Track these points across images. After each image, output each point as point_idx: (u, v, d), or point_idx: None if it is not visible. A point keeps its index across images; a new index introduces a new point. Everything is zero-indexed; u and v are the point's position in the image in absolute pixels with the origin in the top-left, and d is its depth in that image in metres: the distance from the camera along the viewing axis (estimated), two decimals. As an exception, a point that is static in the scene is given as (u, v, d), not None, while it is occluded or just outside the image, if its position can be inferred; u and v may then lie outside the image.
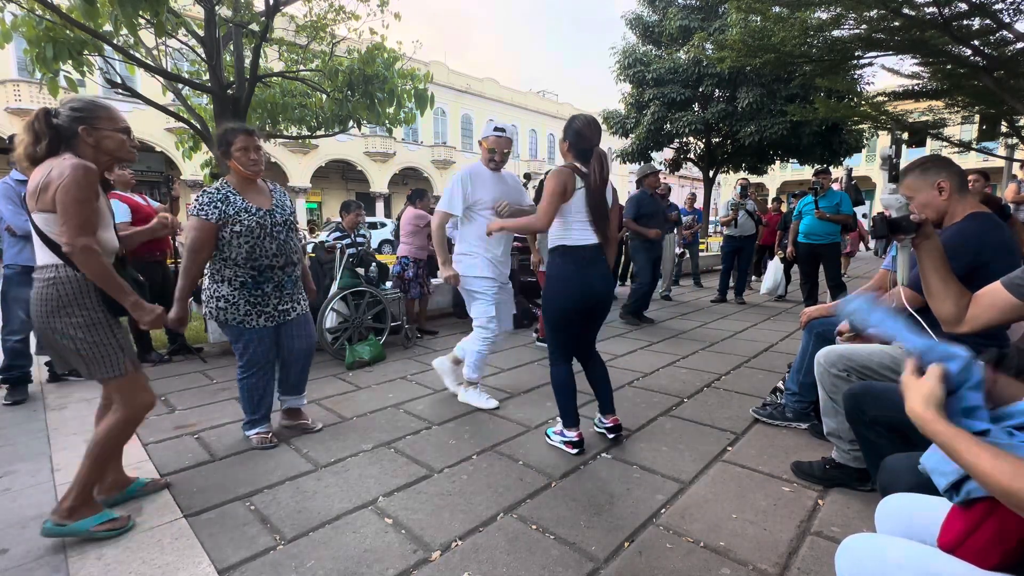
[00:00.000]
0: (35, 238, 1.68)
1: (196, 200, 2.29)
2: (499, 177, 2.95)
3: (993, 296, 1.25)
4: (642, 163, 13.57)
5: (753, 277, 8.54)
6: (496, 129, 2.87)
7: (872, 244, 14.48)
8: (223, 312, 2.34)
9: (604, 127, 14.77)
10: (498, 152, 2.86)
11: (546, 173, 2.74)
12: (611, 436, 2.46)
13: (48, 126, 1.65)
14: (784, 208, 8.64)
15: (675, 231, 7.11)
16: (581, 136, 2.22)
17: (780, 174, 34.67)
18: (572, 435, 2.35)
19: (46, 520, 1.71)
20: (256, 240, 2.31)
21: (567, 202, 2.23)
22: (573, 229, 2.26)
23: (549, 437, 2.47)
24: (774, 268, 6.87)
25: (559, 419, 2.45)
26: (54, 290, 1.64)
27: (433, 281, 5.23)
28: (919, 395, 0.89)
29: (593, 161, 2.23)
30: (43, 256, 1.68)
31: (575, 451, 2.33)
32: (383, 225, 18.01)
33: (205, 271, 2.40)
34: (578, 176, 2.23)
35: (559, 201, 2.22)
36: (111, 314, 1.75)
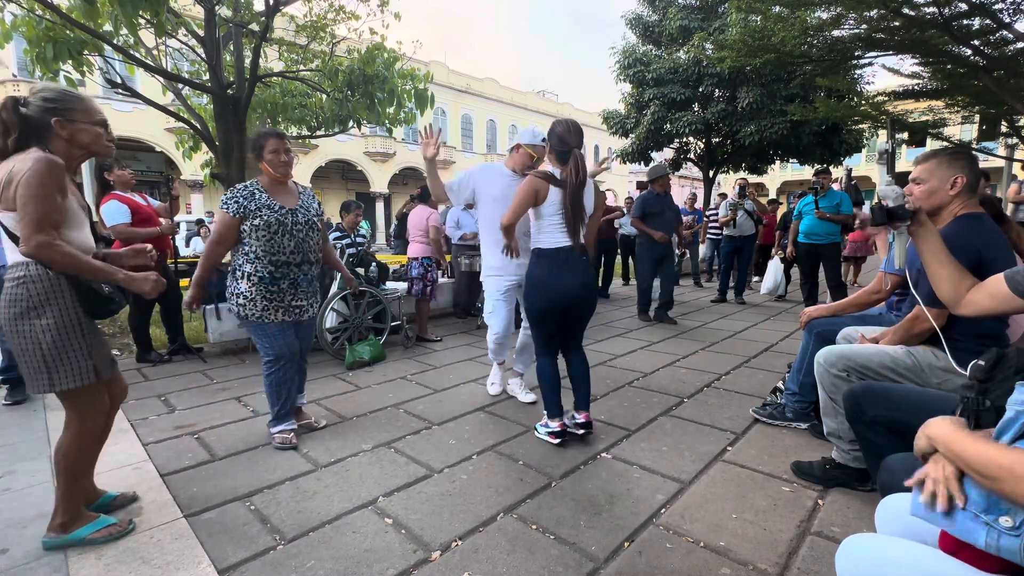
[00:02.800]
0: (3, 237, 1.58)
1: (224, 195, 2.42)
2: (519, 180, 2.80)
3: (993, 286, 1.30)
4: (643, 164, 13.57)
5: (755, 278, 8.54)
6: (543, 140, 2.82)
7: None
8: (243, 308, 2.42)
9: (604, 127, 14.82)
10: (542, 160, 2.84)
11: None
12: (581, 432, 2.51)
13: (18, 117, 1.54)
14: (783, 209, 8.64)
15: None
16: (562, 140, 2.36)
17: (780, 174, 34.65)
18: (554, 425, 2.44)
19: (43, 537, 1.69)
20: (273, 235, 2.39)
21: (539, 206, 2.38)
22: (546, 232, 2.40)
23: (536, 431, 2.56)
24: (774, 268, 6.86)
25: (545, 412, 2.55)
26: (23, 290, 1.54)
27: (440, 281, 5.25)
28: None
29: (570, 163, 2.35)
30: (12, 255, 1.57)
31: (557, 441, 2.41)
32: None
33: (229, 267, 2.49)
34: (552, 182, 2.35)
35: (528, 205, 2.38)
36: (86, 316, 1.64)
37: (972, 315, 1.38)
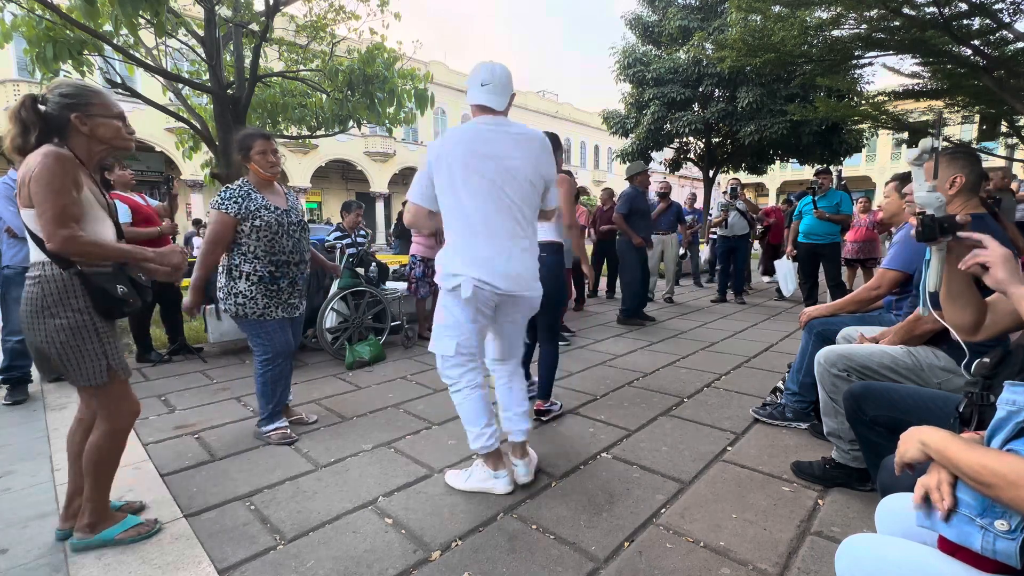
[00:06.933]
0: (28, 235, 1.58)
1: (219, 195, 2.39)
2: None
3: (1007, 302, 1.24)
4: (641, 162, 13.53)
5: (765, 279, 8.53)
6: None
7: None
8: (242, 307, 2.42)
9: (604, 127, 14.83)
10: None
11: None
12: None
13: (36, 114, 1.52)
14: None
15: (677, 231, 7.12)
16: None
17: (780, 174, 34.69)
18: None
19: (71, 538, 1.68)
20: (274, 236, 2.43)
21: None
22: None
23: None
24: (786, 268, 6.63)
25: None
26: (39, 289, 1.54)
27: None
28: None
29: None
30: (34, 254, 1.58)
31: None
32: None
33: (222, 268, 2.48)
34: None
35: None
36: (101, 317, 1.62)
37: (991, 337, 1.30)
